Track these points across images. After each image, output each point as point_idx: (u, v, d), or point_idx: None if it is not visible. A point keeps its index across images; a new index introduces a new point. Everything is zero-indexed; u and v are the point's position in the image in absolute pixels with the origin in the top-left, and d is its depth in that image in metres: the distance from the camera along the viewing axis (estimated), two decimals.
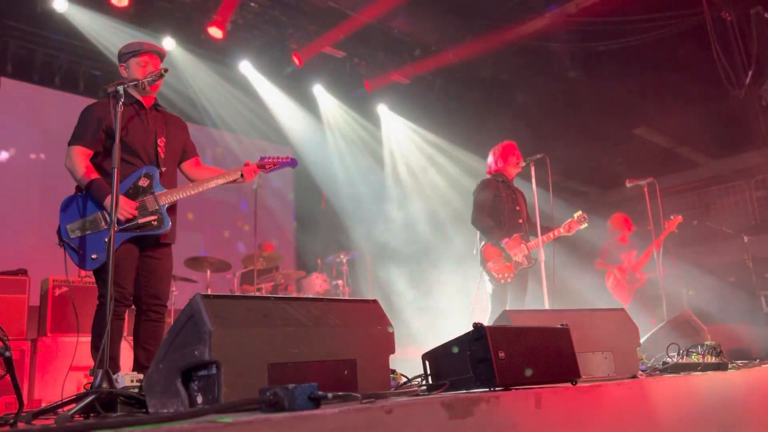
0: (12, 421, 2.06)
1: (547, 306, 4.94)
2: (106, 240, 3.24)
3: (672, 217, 6.72)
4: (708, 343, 3.47)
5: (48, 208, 3.60)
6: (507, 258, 5.00)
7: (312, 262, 8.32)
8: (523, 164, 5.33)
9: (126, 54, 3.58)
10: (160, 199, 3.42)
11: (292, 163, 3.85)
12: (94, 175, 3.33)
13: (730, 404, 3.11)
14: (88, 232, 3.29)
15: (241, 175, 3.66)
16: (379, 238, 9.10)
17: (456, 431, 1.87)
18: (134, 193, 3.38)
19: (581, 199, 9.63)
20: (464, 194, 7.18)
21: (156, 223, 3.38)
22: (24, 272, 5.35)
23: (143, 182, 3.41)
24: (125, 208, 3.27)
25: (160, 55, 3.63)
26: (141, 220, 3.34)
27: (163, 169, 3.52)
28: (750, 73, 7.39)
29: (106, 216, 3.30)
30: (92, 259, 3.27)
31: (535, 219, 5.19)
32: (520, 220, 5.21)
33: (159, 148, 3.53)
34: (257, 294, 7.14)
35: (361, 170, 10.02)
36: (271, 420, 1.56)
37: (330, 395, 1.81)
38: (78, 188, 3.41)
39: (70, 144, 3.41)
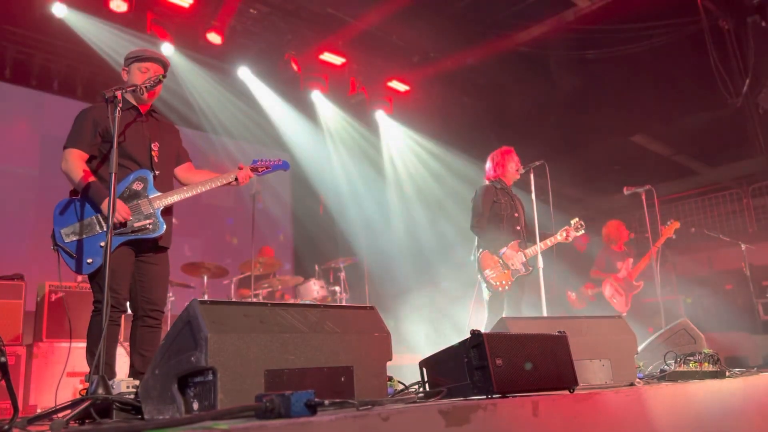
0: (6, 427, 2.05)
1: (545, 313, 4.93)
2: (102, 244, 3.23)
3: (669, 222, 6.62)
4: (705, 351, 3.47)
5: (45, 213, 3.58)
6: (504, 266, 4.99)
7: (310, 268, 8.30)
8: (522, 171, 5.32)
9: (130, 58, 3.59)
10: (155, 203, 3.41)
11: (284, 165, 3.87)
12: (91, 179, 3.32)
13: (728, 412, 3.10)
14: (84, 236, 3.28)
15: (235, 179, 3.66)
16: (377, 245, 9.09)
17: None
18: (128, 196, 3.37)
19: (579, 206, 9.64)
20: (462, 201, 7.18)
21: (151, 226, 3.37)
22: (20, 277, 5.33)
23: (137, 186, 3.40)
24: (120, 211, 3.26)
25: (164, 64, 3.63)
26: (136, 224, 3.33)
27: (157, 172, 3.51)
28: (747, 81, 7.42)
29: (102, 220, 3.28)
30: (87, 263, 3.25)
31: (533, 226, 5.18)
32: (518, 227, 5.19)
33: (153, 153, 3.53)
34: (254, 300, 7.12)
35: (359, 176, 10.02)
36: (267, 427, 1.56)
37: (326, 402, 1.81)
38: (72, 192, 3.39)
39: (65, 147, 3.40)
